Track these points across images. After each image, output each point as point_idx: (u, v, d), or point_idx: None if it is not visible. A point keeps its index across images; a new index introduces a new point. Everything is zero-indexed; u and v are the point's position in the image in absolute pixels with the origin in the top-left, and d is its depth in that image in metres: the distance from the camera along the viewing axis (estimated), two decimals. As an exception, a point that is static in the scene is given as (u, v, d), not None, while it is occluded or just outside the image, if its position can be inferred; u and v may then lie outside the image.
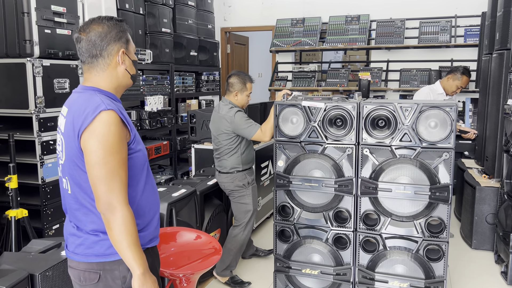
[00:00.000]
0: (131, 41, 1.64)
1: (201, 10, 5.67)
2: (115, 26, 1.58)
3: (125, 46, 1.59)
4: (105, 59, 1.56)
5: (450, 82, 4.23)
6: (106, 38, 1.55)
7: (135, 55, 1.70)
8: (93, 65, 1.57)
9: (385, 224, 2.77)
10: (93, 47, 1.55)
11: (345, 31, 6.36)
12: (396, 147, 2.68)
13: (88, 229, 1.53)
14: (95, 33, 1.55)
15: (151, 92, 4.63)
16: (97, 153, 1.42)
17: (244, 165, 3.26)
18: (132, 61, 1.64)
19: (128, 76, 1.62)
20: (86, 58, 1.57)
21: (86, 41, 1.55)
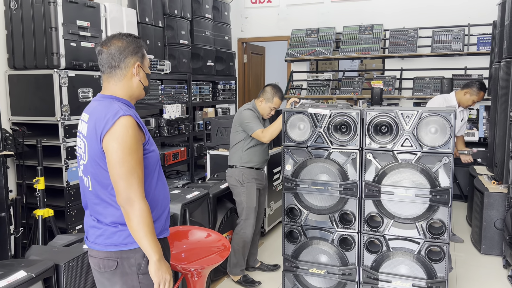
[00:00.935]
0: (146, 56, 1.85)
1: (218, 22, 5.89)
2: (133, 42, 1.78)
3: (141, 60, 1.80)
4: (122, 70, 1.76)
5: (467, 97, 4.27)
6: (124, 52, 1.75)
7: (150, 68, 1.91)
8: (112, 75, 1.78)
9: (388, 226, 2.89)
10: (112, 59, 1.75)
11: (358, 40, 6.49)
12: (398, 151, 2.81)
13: (107, 221, 1.73)
14: (115, 47, 1.76)
15: (169, 101, 4.85)
16: (117, 153, 1.62)
17: (244, 162, 3.44)
18: (146, 74, 1.84)
19: (141, 87, 1.82)
20: (106, 68, 1.78)
21: (106, 54, 1.76)
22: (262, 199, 3.71)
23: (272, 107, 3.47)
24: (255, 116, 3.39)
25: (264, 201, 3.76)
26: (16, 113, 3.71)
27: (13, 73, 3.68)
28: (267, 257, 4.03)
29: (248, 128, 3.36)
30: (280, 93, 3.47)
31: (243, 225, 3.45)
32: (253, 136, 3.36)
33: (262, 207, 3.73)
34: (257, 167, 3.50)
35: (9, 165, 3.64)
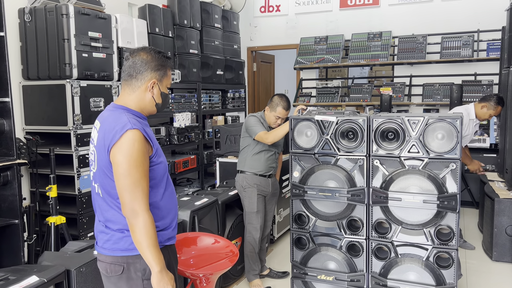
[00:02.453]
0: (168, 76, 1.89)
1: (227, 32, 5.97)
2: (158, 59, 1.84)
3: (159, 78, 1.84)
4: (138, 82, 1.81)
5: (484, 111, 4.23)
6: (145, 65, 1.80)
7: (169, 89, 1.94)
8: (128, 84, 1.83)
9: (396, 232, 2.89)
10: (133, 68, 1.81)
11: (367, 47, 6.51)
12: (405, 158, 2.82)
13: (115, 228, 1.77)
14: (139, 58, 1.82)
15: (179, 109, 4.92)
16: (123, 165, 1.67)
17: (249, 168, 3.47)
18: (162, 93, 1.87)
19: (153, 103, 1.86)
20: (125, 75, 1.84)
21: (131, 62, 1.83)
22: (269, 207, 3.70)
23: (276, 116, 3.47)
24: (258, 121, 3.45)
25: (271, 209, 3.75)
26: (30, 122, 3.80)
27: (27, 84, 3.78)
28: (276, 264, 4.04)
29: (252, 132, 3.41)
30: (285, 103, 3.46)
31: (247, 229, 3.52)
32: (256, 138, 3.39)
33: (270, 215, 3.73)
34: (261, 174, 3.52)
35: (23, 173, 3.73)
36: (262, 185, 3.53)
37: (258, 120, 3.46)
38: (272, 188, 3.64)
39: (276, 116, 3.48)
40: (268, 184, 3.57)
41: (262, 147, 3.47)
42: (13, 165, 2.71)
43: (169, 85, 1.92)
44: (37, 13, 3.65)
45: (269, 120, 3.53)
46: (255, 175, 3.49)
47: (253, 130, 3.41)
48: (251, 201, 3.48)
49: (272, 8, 7.35)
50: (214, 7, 5.64)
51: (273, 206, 3.77)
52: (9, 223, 2.70)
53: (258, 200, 3.49)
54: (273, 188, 3.65)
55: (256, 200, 3.47)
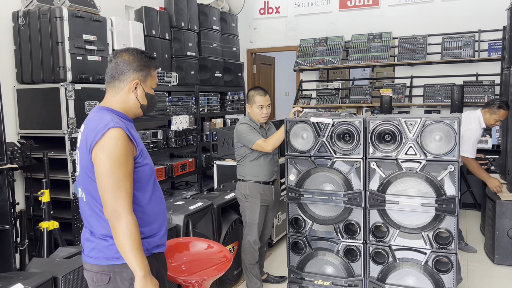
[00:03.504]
0: (153, 77, 1.84)
1: (225, 34, 5.93)
2: (141, 59, 1.79)
3: (142, 78, 1.79)
4: (120, 83, 1.77)
5: (488, 116, 4.15)
6: (128, 66, 1.76)
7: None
8: (111, 86, 1.79)
9: (394, 236, 2.83)
10: (115, 70, 1.77)
11: (367, 48, 6.45)
12: (402, 160, 2.76)
13: (99, 234, 1.72)
14: (122, 59, 1.78)
15: (177, 112, 4.88)
16: (105, 165, 1.62)
17: (251, 176, 3.28)
18: (147, 94, 1.82)
19: (137, 105, 1.81)
20: (108, 77, 1.80)
21: (113, 63, 1.79)
22: (271, 214, 3.51)
23: (258, 106, 3.26)
24: (250, 128, 3.25)
25: (272, 216, 3.57)
26: (24, 126, 3.77)
27: (21, 88, 3.75)
28: (274, 268, 3.99)
29: (247, 141, 3.22)
30: (259, 91, 3.30)
31: (245, 240, 3.32)
32: (254, 148, 3.20)
33: (270, 222, 3.55)
34: (265, 181, 3.30)
35: (18, 178, 3.69)
36: (266, 194, 3.32)
37: (249, 127, 3.25)
38: (276, 196, 3.44)
39: (259, 106, 3.27)
40: (271, 193, 3.36)
41: (260, 153, 3.28)
42: (3, 170, 2.67)
43: (154, 86, 1.87)
44: (31, 16, 3.62)
45: (255, 116, 3.31)
46: (258, 184, 3.28)
47: (248, 139, 3.21)
48: (253, 212, 3.27)
49: (271, 10, 7.31)
50: (212, 9, 5.61)
51: (274, 213, 3.60)
52: (0, 228, 2.66)
53: (261, 211, 3.28)
54: (276, 196, 3.45)
55: (258, 211, 3.26)
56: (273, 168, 3.38)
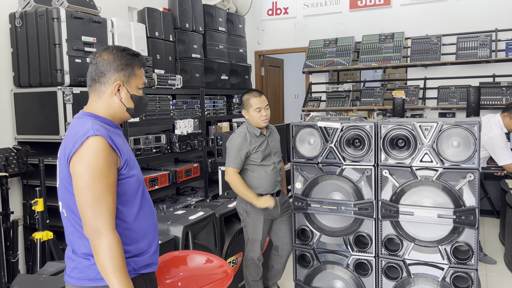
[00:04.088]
0: (138, 76, 1.66)
1: (232, 35, 5.76)
2: (122, 57, 1.62)
3: (125, 79, 1.62)
4: (101, 86, 1.60)
5: (508, 120, 3.94)
6: (108, 66, 1.59)
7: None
8: (92, 89, 1.63)
9: (408, 250, 2.63)
10: (95, 72, 1.61)
11: (379, 49, 6.24)
12: (417, 168, 2.56)
13: (80, 253, 1.56)
14: (101, 60, 1.61)
15: (181, 116, 4.72)
16: (83, 177, 1.45)
17: (252, 189, 3.03)
18: (133, 96, 1.65)
19: (123, 109, 1.64)
20: (89, 80, 1.63)
21: (93, 65, 1.62)
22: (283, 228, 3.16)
23: (255, 108, 3.00)
24: (239, 148, 2.98)
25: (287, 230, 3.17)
26: (22, 131, 3.64)
27: (19, 91, 3.62)
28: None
29: (227, 161, 3.02)
30: (254, 92, 3.08)
31: (247, 257, 3.09)
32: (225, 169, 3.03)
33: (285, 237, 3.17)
34: (268, 194, 3.02)
35: (15, 185, 3.56)
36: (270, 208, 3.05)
37: (237, 145, 2.98)
38: (282, 207, 3.15)
39: (256, 109, 3.00)
40: (276, 205, 3.07)
41: (256, 163, 3.02)
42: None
43: (141, 86, 1.68)
44: (27, 17, 3.49)
45: (255, 122, 3.04)
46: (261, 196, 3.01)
47: (228, 160, 3.01)
48: (256, 229, 3.03)
49: (280, 11, 7.14)
50: (218, 10, 5.45)
51: (288, 227, 3.18)
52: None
53: (264, 227, 3.04)
54: (282, 208, 3.16)
55: (261, 227, 3.02)
56: (276, 178, 3.10)
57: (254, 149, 2.99)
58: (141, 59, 1.67)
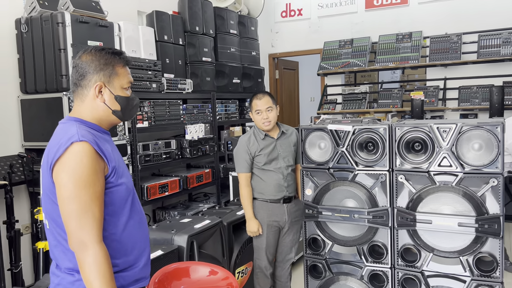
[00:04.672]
0: (120, 75, 1.55)
1: (244, 38, 5.65)
2: (100, 57, 1.52)
3: (106, 79, 1.52)
4: (83, 89, 1.52)
5: None
6: (87, 68, 1.51)
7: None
8: (75, 94, 1.55)
9: (427, 260, 2.45)
10: (75, 76, 1.53)
11: (396, 49, 6.04)
12: (435, 172, 2.39)
13: (64, 268, 1.46)
14: (81, 62, 1.53)
15: (192, 121, 4.63)
16: (67, 186, 1.35)
17: (258, 193, 2.98)
18: (118, 97, 1.55)
19: (108, 111, 1.54)
20: (71, 85, 1.55)
21: (73, 69, 1.54)
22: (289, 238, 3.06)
23: (256, 111, 2.94)
24: (244, 150, 2.94)
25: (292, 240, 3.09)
26: (28, 138, 3.59)
27: (25, 98, 3.58)
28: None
29: (236, 166, 3.01)
30: (258, 94, 2.98)
31: (255, 264, 2.99)
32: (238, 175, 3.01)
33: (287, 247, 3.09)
34: (272, 200, 2.95)
35: (23, 193, 3.52)
36: (276, 215, 2.96)
37: (243, 150, 2.94)
38: (291, 216, 3.02)
39: (256, 111, 2.93)
40: (283, 212, 2.98)
41: (258, 167, 2.95)
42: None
43: (125, 85, 1.57)
44: (33, 22, 3.45)
45: (257, 124, 2.97)
46: (265, 202, 2.96)
47: (236, 165, 2.99)
48: (261, 235, 2.95)
49: (293, 12, 7.01)
50: (229, 13, 5.35)
51: (295, 236, 3.10)
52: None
53: (268, 234, 2.95)
54: (292, 216, 3.03)
55: (265, 234, 2.93)
56: (281, 183, 2.97)
57: (256, 152, 2.92)
58: (123, 57, 1.57)
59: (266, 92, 3.03)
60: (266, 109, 2.92)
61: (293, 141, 3.08)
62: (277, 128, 3.05)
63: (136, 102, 1.63)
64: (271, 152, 2.96)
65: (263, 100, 2.93)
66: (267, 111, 2.92)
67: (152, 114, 4.15)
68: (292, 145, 3.08)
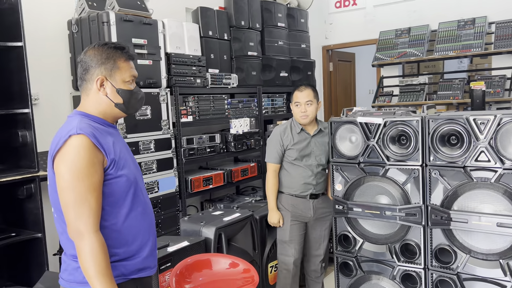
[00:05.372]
0: (122, 69, 1.61)
1: (293, 30, 5.57)
2: (103, 52, 1.59)
3: (108, 73, 1.58)
4: (87, 83, 1.58)
5: None
6: (90, 62, 1.58)
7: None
8: (81, 88, 1.62)
9: (463, 262, 2.28)
10: (80, 71, 1.60)
11: (457, 37, 5.65)
12: (472, 168, 2.21)
13: (69, 254, 1.54)
14: (85, 57, 1.60)
15: (237, 115, 4.66)
16: (65, 177, 1.42)
17: (284, 187, 2.96)
18: (120, 90, 1.59)
19: (111, 104, 1.59)
20: (78, 80, 1.61)
21: (79, 64, 1.62)
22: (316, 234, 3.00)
23: (295, 103, 2.93)
24: (273, 140, 2.95)
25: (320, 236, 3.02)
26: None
27: (77, 94, 3.80)
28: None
29: (266, 156, 2.99)
30: (300, 86, 2.99)
31: (279, 260, 2.93)
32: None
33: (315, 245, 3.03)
34: (298, 195, 2.90)
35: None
36: (299, 209, 2.92)
37: (278, 138, 2.93)
38: (317, 212, 2.95)
39: (296, 103, 2.93)
40: (308, 208, 2.92)
41: (288, 161, 2.92)
42: (35, 178, 2.65)
43: (127, 79, 1.61)
44: (82, 23, 3.65)
45: (295, 117, 2.96)
46: (290, 196, 2.92)
47: (267, 154, 2.98)
48: (284, 228, 2.90)
49: (348, 2, 6.80)
50: (277, 6, 5.30)
51: (322, 232, 3.02)
52: (33, 236, 2.64)
53: (292, 227, 2.89)
54: (318, 212, 2.96)
55: (289, 227, 2.89)
56: (309, 181, 2.91)
57: (289, 145, 2.89)
58: (126, 52, 1.61)
59: (310, 85, 2.99)
60: (305, 103, 2.89)
61: (325, 141, 3.00)
62: (315, 124, 3.00)
63: (141, 96, 1.67)
64: (304, 148, 2.92)
65: (304, 92, 2.90)
66: (306, 105, 2.89)
67: (197, 108, 4.23)
68: (328, 144, 2.95)
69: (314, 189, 2.92)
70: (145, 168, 3.70)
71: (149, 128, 3.76)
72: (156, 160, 3.81)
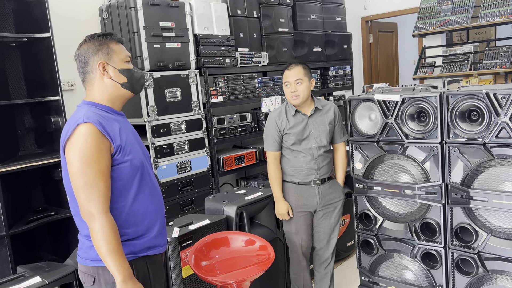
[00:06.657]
0: (117, 51, 1.70)
1: (327, 3, 5.44)
2: (95, 41, 1.68)
3: (106, 57, 1.66)
4: (90, 74, 1.66)
5: None
6: (86, 54, 1.67)
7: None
8: (85, 81, 1.70)
9: (484, 241, 2.22)
10: (80, 66, 1.69)
11: (505, 1, 5.29)
12: (492, 145, 2.12)
13: (83, 234, 1.66)
14: (80, 52, 1.70)
15: (268, 94, 4.67)
16: (75, 164, 1.53)
17: (285, 174, 2.78)
18: (121, 70, 1.68)
19: (117, 86, 1.68)
20: (80, 75, 1.70)
21: (76, 61, 1.71)
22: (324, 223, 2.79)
23: (285, 82, 2.74)
24: (268, 126, 2.76)
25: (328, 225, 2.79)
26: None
27: (109, 79, 3.97)
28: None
29: (264, 143, 2.81)
30: (290, 64, 2.75)
31: (289, 247, 2.86)
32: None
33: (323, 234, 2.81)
34: (301, 182, 2.71)
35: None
36: (304, 197, 2.72)
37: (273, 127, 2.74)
38: (323, 199, 2.74)
39: (285, 83, 2.73)
40: (314, 195, 2.71)
41: (286, 146, 2.73)
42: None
43: (126, 59, 1.71)
44: (112, 9, 3.77)
45: (288, 98, 2.75)
46: (293, 184, 2.74)
47: (264, 143, 2.79)
48: (289, 219, 2.79)
49: (387, -30, 6.50)
50: (310, -21, 5.18)
51: (332, 221, 2.78)
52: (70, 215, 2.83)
53: (297, 218, 2.74)
54: (325, 199, 2.74)
55: (294, 218, 2.74)
56: (310, 166, 2.70)
57: (285, 130, 2.69)
58: (114, 36, 1.71)
59: (300, 63, 2.77)
60: (295, 81, 2.65)
61: (329, 119, 2.74)
62: (311, 103, 2.76)
63: (140, 73, 1.75)
64: (301, 131, 2.69)
65: (293, 71, 2.68)
66: (296, 84, 2.65)
67: (227, 89, 4.28)
68: (328, 123, 2.74)
69: (317, 174, 2.70)
70: (177, 148, 3.82)
71: (179, 110, 3.86)
72: (188, 141, 3.91)
